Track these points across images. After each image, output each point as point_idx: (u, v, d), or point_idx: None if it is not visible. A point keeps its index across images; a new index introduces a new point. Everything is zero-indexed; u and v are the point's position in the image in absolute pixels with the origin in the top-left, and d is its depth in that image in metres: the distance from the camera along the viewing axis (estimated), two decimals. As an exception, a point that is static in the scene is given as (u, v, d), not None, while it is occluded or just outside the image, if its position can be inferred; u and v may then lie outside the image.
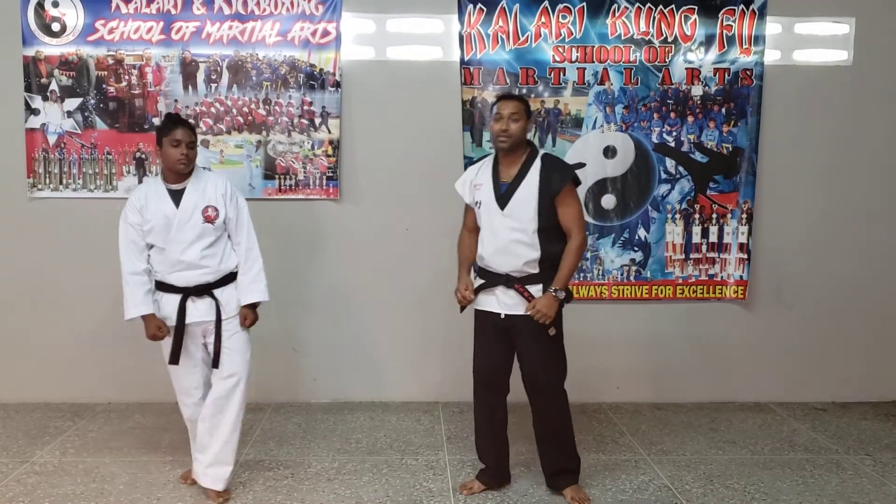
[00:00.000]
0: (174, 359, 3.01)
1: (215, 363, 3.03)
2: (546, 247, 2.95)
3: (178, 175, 3.01)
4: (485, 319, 3.08)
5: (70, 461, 3.46)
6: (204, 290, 3.02)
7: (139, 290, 2.98)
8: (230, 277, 3.09)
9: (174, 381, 3.12)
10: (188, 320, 3.00)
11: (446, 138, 4.19)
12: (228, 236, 3.11)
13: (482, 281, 3.07)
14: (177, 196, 3.01)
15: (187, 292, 3.00)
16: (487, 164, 3.11)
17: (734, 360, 4.41)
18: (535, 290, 2.96)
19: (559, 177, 2.95)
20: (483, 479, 3.21)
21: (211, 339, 3.04)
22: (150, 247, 3.03)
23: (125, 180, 4.13)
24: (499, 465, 3.22)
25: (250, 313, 3.08)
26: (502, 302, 3.00)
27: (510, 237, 2.94)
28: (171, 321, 2.99)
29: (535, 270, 2.96)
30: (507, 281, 2.97)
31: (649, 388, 4.39)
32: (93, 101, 4.10)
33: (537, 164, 2.98)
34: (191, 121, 3.24)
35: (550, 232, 2.95)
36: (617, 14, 4.15)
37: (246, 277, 3.08)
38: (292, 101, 4.14)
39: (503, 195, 2.98)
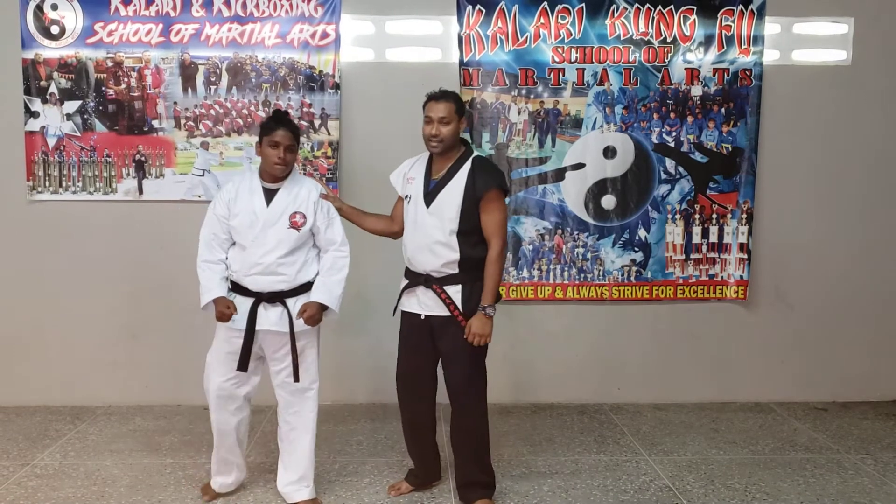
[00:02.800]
0: (243, 366, 2.90)
1: (296, 377, 2.94)
2: (465, 249, 2.88)
3: (274, 176, 2.94)
4: (408, 321, 3.05)
5: (71, 464, 3.46)
6: (277, 297, 2.91)
7: (214, 276, 2.91)
8: (306, 287, 2.96)
9: (217, 387, 2.97)
10: (258, 327, 2.90)
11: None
12: (314, 246, 3.01)
13: (406, 281, 3.04)
14: (270, 195, 2.93)
15: (260, 298, 2.91)
16: (423, 158, 3.05)
17: (734, 361, 4.41)
18: (454, 290, 2.90)
19: (484, 181, 2.87)
20: (410, 480, 3.20)
21: (271, 352, 2.97)
22: (233, 244, 2.97)
23: (124, 182, 4.13)
24: (425, 466, 3.19)
25: (312, 307, 2.90)
26: (422, 303, 2.96)
27: (432, 236, 2.89)
28: (241, 325, 2.89)
29: (455, 271, 2.90)
30: (427, 281, 2.93)
31: (650, 388, 4.39)
32: (92, 104, 4.10)
33: (468, 165, 2.91)
34: (295, 122, 3.11)
35: (472, 235, 2.89)
36: (616, 15, 4.15)
37: (323, 280, 2.96)
38: (292, 102, 4.13)
39: (430, 192, 2.93)
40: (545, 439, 3.81)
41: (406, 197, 3.02)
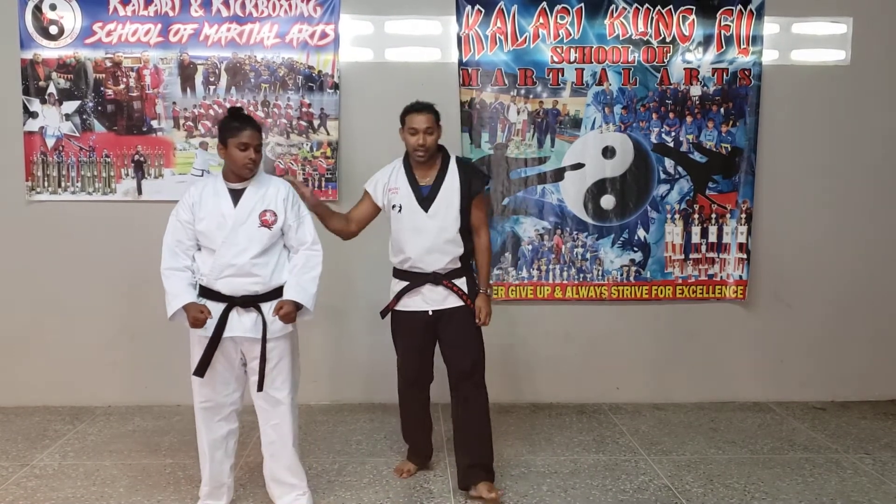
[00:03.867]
0: (200, 371, 2.79)
1: (260, 386, 2.83)
2: (465, 244, 3.14)
3: (240, 177, 2.85)
4: (410, 320, 3.16)
5: (70, 464, 3.46)
6: (250, 301, 2.81)
7: (181, 282, 2.80)
8: (280, 292, 2.86)
9: (202, 398, 2.89)
10: (230, 333, 2.79)
11: (444, 139, 4.13)
12: (285, 246, 2.92)
13: (405, 283, 3.14)
14: (236, 196, 2.84)
15: (233, 302, 2.80)
16: (399, 168, 3.19)
17: (734, 360, 4.41)
18: (460, 282, 3.13)
19: (479, 181, 3.18)
20: (413, 459, 3.38)
21: (250, 359, 2.87)
22: (199, 248, 2.87)
23: (123, 183, 4.13)
24: (426, 442, 3.38)
25: (288, 304, 2.80)
26: (429, 299, 3.12)
27: (440, 237, 3.08)
28: (209, 332, 2.78)
29: (458, 265, 3.13)
30: (435, 278, 3.10)
31: (649, 388, 4.39)
32: (91, 104, 4.10)
33: (453, 167, 3.15)
34: (253, 117, 2.96)
35: (465, 231, 3.15)
36: (615, 14, 4.15)
37: (297, 278, 2.85)
38: (291, 103, 4.13)
39: (426, 198, 3.10)
40: (544, 439, 3.81)
41: (394, 207, 3.15)
